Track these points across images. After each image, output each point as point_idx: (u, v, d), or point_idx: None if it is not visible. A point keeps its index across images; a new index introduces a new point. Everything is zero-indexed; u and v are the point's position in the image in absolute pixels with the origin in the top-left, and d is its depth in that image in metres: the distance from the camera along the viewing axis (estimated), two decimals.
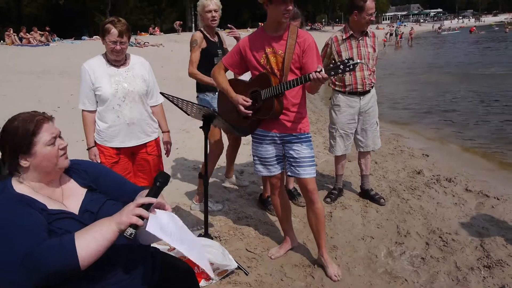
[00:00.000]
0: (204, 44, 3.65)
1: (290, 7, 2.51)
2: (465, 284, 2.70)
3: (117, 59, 2.83)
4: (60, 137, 1.69)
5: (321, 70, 2.36)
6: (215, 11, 3.62)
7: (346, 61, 2.33)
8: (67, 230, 1.54)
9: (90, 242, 1.42)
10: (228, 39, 4.00)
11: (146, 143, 3.00)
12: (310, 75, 2.40)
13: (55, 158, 1.63)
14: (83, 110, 2.91)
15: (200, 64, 3.63)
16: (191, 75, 3.65)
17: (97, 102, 2.86)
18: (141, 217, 1.47)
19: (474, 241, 3.21)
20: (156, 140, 3.10)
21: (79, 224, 1.59)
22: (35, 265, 1.37)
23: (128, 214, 1.47)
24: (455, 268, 2.88)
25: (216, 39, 3.77)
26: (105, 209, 1.70)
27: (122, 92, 2.83)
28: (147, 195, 1.57)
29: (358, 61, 2.38)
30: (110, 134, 2.88)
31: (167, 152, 3.22)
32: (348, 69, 2.32)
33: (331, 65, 2.37)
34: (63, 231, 1.53)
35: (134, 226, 1.46)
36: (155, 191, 1.58)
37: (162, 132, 3.17)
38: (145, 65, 3.03)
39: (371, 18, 3.59)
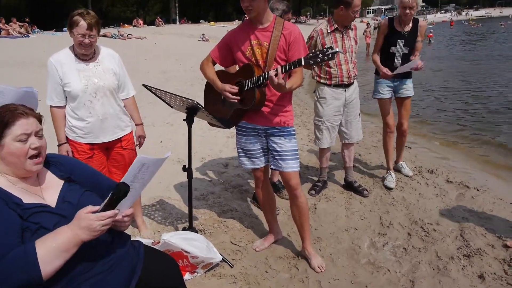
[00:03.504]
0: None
1: (246, 4, 2.51)
2: (445, 273, 2.76)
3: (85, 53, 2.73)
4: (38, 136, 1.64)
5: (276, 75, 2.36)
6: (410, 7, 3.83)
7: (325, 49, 2.32)
8: (42, 225, 1.52)
9: (53, 258, 1.42)
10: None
11: (120, 137, 2.96)
12: (270, 72, 2.39)
13: (22, 156, 1.59)
14: (51, 106, 2.79)
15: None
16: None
17: (66, 97, 2.78)
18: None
19: (454, 231, 3.28)
20: (131, 134, 3.06)
21: (56, 216, 1.58)
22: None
23: (100, 232, 1.49)
24: (436, 258, 2.94)
25: (403, 29, 3.99)
26: (84, 199, 1.69)
27: (93, 87, 2.75)
28: (106, 205, 1.52)
29: (337, 50, 2.35)
30: (83, 130, 2.81)
31: (140, 145, 3.17)
32: (326, 57, 2.31)
33: (310, 54, 2.36)
34: (37, 226, 1.51)
35: None
36: (116, 204, 1.53)
37: (136, 125, 3.12)
38: (115, 57, 2.92)
39: (356, 15, 3.62)
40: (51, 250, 1.42)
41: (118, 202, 1.53)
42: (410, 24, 3.98)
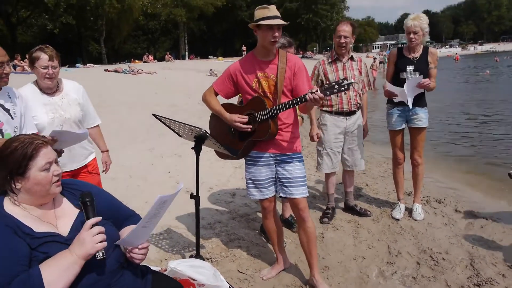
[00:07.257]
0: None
1: (277, 34, 2.60)
2: None
3: (50, 85, 2.81)
4: (56, 163, 1.70)
5: (317, 91, 2.43)
6: (414, 32, 3.77)
7: (341, 81, 2.42)
8: (49, 255, 1.54)
9: (58, 280, 1.46)
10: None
11: (86, 163, 3.08)
12: (307, 96, 2.46)
13: (48, 184, 1.64)
14: None
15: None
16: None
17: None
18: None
19: (464, 260, 3.23)
20: (95, 159, 3.18)
21: (65, 246, 1.59)
22: None
23: (92, 244, 1.54)
24: (445, 287, 2.89)
25: (412, 55, 3.88)
26: None
27: (59, 120, 2.84)
28: (87, 217, 1.64)
29: (352, 81, 2.48)
30: None
31: (106, 170, 3.29)
32: (343, 88, 2.42)
33: (326, 85, 2.47)
34: (45, 256, 1.54)
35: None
36: (92, 210, 1.64)
37: (101, 152, 3.26)
38: (79, 89, 3.04)
39: (341, 41, 3.76)
40: (54, 270, 1.47)
41: (92, 208, 1.64)
42: (420, 51, 3.86)
